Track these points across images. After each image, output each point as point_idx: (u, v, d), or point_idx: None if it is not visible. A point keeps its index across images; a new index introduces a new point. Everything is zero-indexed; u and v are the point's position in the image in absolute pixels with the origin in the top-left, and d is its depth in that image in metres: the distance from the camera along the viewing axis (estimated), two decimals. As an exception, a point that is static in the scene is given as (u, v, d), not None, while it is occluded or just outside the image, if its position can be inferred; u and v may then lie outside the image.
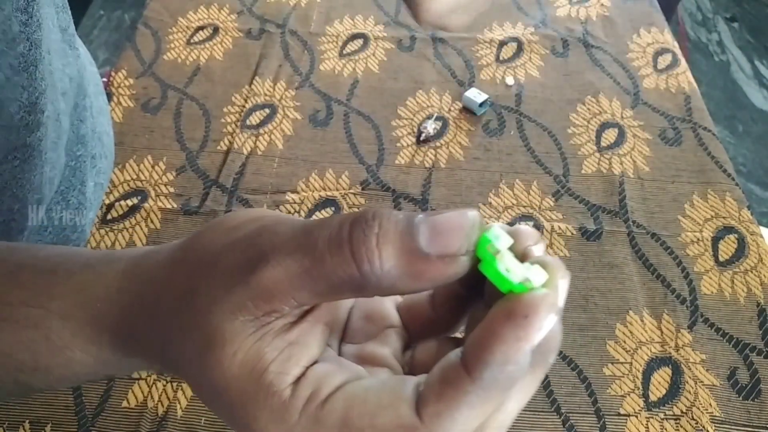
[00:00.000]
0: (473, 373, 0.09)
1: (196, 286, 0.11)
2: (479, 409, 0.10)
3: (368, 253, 0.10)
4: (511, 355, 0.09)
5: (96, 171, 0.30)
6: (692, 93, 0.40)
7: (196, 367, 0.11)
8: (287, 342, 0.11)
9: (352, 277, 0.10)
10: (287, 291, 0.10)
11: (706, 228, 0.33)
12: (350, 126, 0.38)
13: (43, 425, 0.25)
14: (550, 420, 0.26)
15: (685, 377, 0.28)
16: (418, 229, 0.10)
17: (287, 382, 0.10)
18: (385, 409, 0.10)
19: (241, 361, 0.10)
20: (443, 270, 0.10)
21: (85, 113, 0.27)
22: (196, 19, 0.44)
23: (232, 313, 0.10)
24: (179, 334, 0.11)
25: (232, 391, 0.10)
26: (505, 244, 0.10)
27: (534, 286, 0.10)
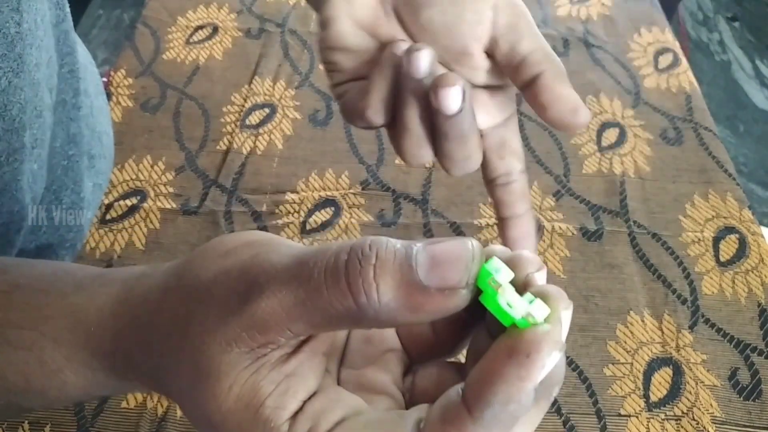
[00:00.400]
0: (474, 413, 0.09)
1: (190, 315, 0.11)
2: None
3: (365, 286, 0.10)
4: (513, 394, 0.09)
5: (94, 171, 0.30)
6: (693, 92, 0.40)
7: (190, 399, 0.11)
8: (284, 374, 0.10)
9: (349, 310, 0.10)
10: (283, 322, 0.10)
11: (707, 228, 0.33)
12: (350, 126, 0.38)
13: (42, 426, 0.25)
14: (551, 421, 0.26)
15: (685, 378, 0.27)
16: (416, 261, 0.10)
17: (284, 417, 0.10)
18: None
19: (237, 395, 0.10)
20: (443, 303, 0.10)
21: (77, 112, 0.27)
22: (195, 19, 0.44)
23: (227, 344, 0.10)
24: (173, 363, 0.11)
25: (228, 426, 0.10)
26: (506, 278, 0.10)
27: (536, 321, 0.10)
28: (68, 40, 0.25)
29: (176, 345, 0.11)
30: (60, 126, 0.26)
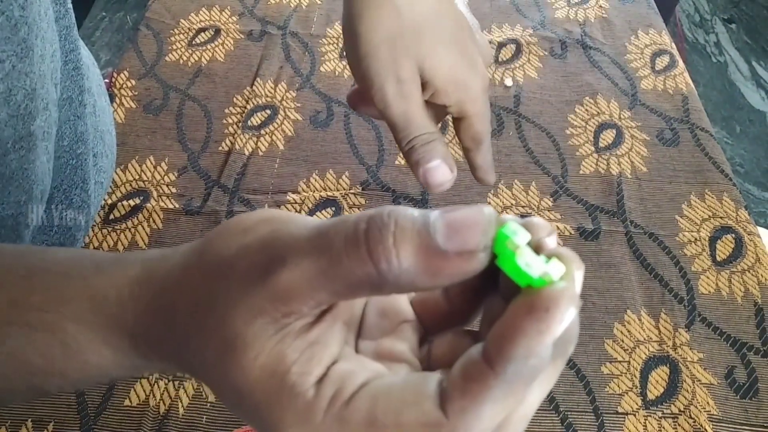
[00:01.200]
0: (497, 368, 0.10)
1: (213, 291, 0.11)
2: (503, 403, 0.10)
3: (385, 252, 0.10)
4: (534, 348, 0.09)
5: (97, 170, 0.30)
6: (690, 94, 0.40)
7: (217, 373, 0.11)
8: (308, 342, 0.11)
9: (370, 276, 0.10)
10: (305, 292, 0.10)
11: (703, 228, 0.33)
12: (350, 127, 0.38)
13: (45, 424, 0.25)
14: (549, 418, 0.26)
15: (682, 376, 0.28)
16: (434, 227, 0.10)
17: (310, 383, 0.10)
18: (410, 407, 0.10)
19: (263, 364, 0.10)
20: (462, 267, 0.10)
21: (83, 110, 0.27)
22: (197, 21, 0.44)
23: (251, 316, 0.10)
24: (198, 339, 0.11)
25: (256, 395, 0.10)
26: (524, 239, 0.10)
27: (553, 279, 0.10)
28: (71, 36, 0.25)
29: (200, 322, 0.11)
30: (67, 124, 0.26)
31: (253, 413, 0.11)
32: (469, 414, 0.10)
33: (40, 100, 0.20)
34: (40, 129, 0.21)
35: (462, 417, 0.10)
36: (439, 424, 0.10)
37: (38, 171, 0.22)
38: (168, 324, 0.12)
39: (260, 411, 0.10)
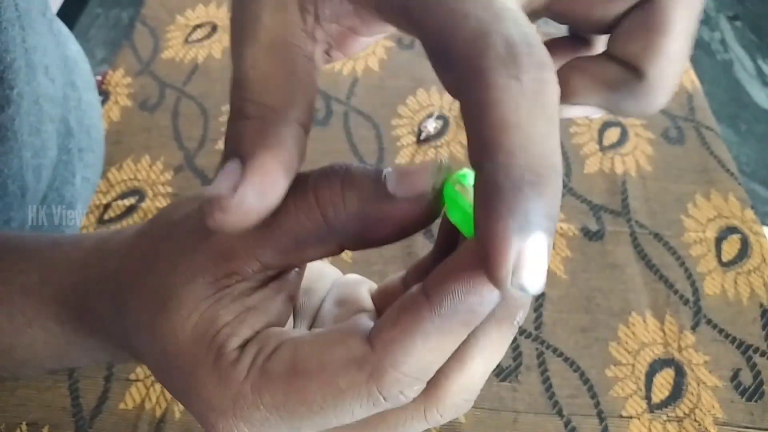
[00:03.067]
0: (432, 298, 0.09)
1: (158, 252, 0.11)
2: (435, 341, 0.09)
3: (332, 196, 0.10)
4: (476, 285, 0.09)
5: (83, 165, 0.30)
6: (695, 92, 0.40)
7: (148, 334, 0.10)
8: (245, 306, 0.10)
9: (317, 224, 0.10)
10: (250, 249, 0.10)
11: (709, 228, 0.33)
12: (350, 125, 0.38)
13: (40, 427, 0.25)
14: (552, 422, 0.26)
15: (687, 379, 0.27)
16: (384, 175, 0.10)
17: (235, 344, 0.10)
18: (334, 345, 0.09)
19: (195, 324, 0.10)
20: (408, 210, 0.10)
21: (69, 102, 0.26)
22: (194, 18, 0.44)
23: (191, 274, 0.10)
24: (135, 301, 0.11)
25: (183, 356, 0.10)
26: (472, 181, 0.09)
27: None
28: (53, 30, 0.25)
29: (141, 283, 0.11)
30: (61, 120, 0.26)
31: (179, 379, 0.10)
32: (396, 345, 0.09)
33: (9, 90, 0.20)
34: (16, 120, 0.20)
35: (389, 348, 0.09)
36: (363, 358, 0.09)
37: (13, 165, 0.21)
38: (112, 292, 0.11)
39: (186, 375, 0.10)
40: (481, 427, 0.26)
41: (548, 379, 0.27)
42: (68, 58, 0.27)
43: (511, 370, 0.27)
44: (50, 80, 0.23)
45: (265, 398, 0.09)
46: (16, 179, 0.22)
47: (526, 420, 0.26)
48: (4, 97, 0.19)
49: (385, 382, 0.09)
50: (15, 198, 0.22)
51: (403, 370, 0.09)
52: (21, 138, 0.21)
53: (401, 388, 0.09)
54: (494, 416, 0.26)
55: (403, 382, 0.09)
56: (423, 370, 0.09)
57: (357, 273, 0.14)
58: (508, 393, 0.27)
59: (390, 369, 0.09)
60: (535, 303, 0.30)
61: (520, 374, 0.27)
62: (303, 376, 0.09)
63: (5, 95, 0.19)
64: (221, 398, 0.09)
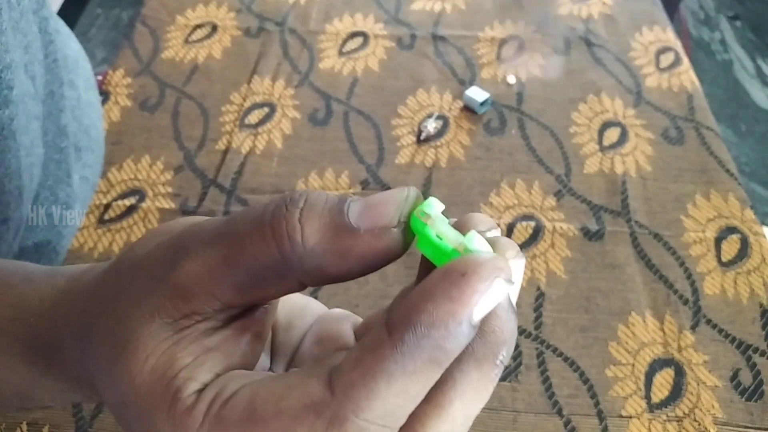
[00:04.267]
0: (394, 334, 0.08)
1: (120, 290, 0.10)
2: (400, 382, 0.08)
3: (289, 229, 0.09)
4: (440, 318, 0.08)
5: (81, 164, 0.30)
6: (695, 92, 0.40)
7: (108, 377, 0.10)
8: (205, 348, 0.10)
9: (273, 259, 0.09)
10: (207, 286, 0.09)
11: (708, 228, 0.33)
12: (350, 125, 0.38)
13: (40, 427, 0.25)
14: (552, 422, 0.26)
15: (687, 379, 0.27)
16: (348, 205, 0.09)
17: (193, 389, 0.09)
18: (293, 390, 0.09)
19: (153, 366, 0.09)
20: (372, 244, 0.09)
21: (64, 103, 0.26)
22: (194, 18, 0.44)
23: (149, 315, 0.10)
24: (97, 343, 0.10)
25: (139, 401, 0.09)
26: (437, 209, 0.09)
27: (471, 249, 0.08)
28: (48, 28, 0.24)
29: (102, 325, 0.10)
30: (50, 119, 0.25)
31: (137, 424, 0.09)
32: (358, 389, 0.08)
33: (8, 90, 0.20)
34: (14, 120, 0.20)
35: (350, 392, 0.08)
36: (323, 404, 0.08)
37: (12, 165, 0.21)
38: (79, 332, 0.11)
39: (142, 421, 0.09)
40: (481, 427, 0.26)
41: (548, 378, 0.27)
42: (67, 58, 0.27)
43: (511, 369, 0.27)
44: (30, 78, 0.22)
45: None
46: (13, 179, 0.22)
47: (525, 420, 0.26)
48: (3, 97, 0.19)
49: (346, 429, 0.08)
50: (12, 197, 0.22)
51: (367, 417, 0.08)
52: (18, 138, 0.21)
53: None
54: (494, 416, 0.26)
55: (369, 431, 0.08)
56: (390, 415, 0.08)
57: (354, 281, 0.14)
58: (507, 393, 0.27)
59: (351, 416, 0.08)
60: (534, 303, 0.30)
61: (519, 374, 0.27)
62: (258, 423, 0.08)
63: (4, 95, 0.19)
64: None
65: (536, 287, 0.30)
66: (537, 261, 0.31)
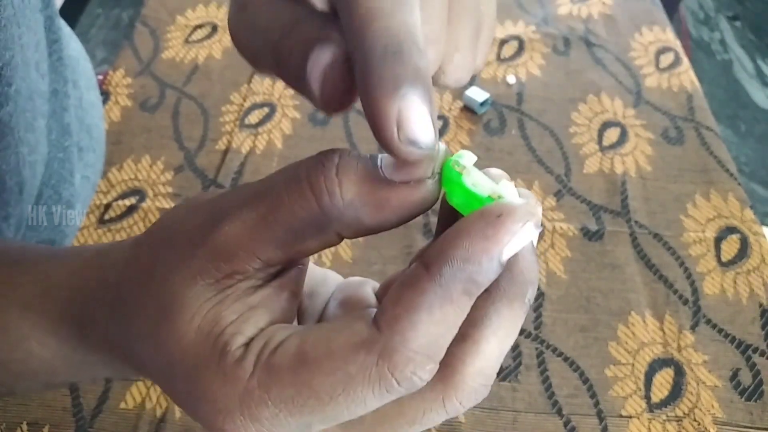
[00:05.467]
0: (432, 268, 0.09)
1: (156, 258, 0.10)
2: (439, 312, 0.09)
3: (328, 183, 0.09)
4: (475, 253, 0.08)
5: (83, 164, 0.30)
6: (694, 92, 0.40)
7: (152, 342, 0.10)
8: (248, 306, 0.10)
9: (312, 213, 0.09)
10: (248, 246, 0.10)
11: (708, 228, 0.33)
12: (350, 125, 0.38)
13: (41, 426, 0.25)
14: (552, 422, 0.26)
15: (687, 378, 0.27)
16: (381, 159, 0.09)
17: (240, 342, 0.09)
18: (340, 332, 0.09)
19: (199, 326, 0.10)
20: (409, 196, 0.09)
21: (67, 101, 0.26)
22: (194, 18, 0.44)
23: (191, 278, 0.10)
24: (137, 311, 0.10)
25: (187, 360, 0.09)
26: (470, 161, 0.10)
27: (505, 197, 0.09)
28: (54, 26, 0.25)
29: (142, 291, 0.10)
30: (54, 117, 0.25)
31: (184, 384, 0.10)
32: (402, 322, 0.09)
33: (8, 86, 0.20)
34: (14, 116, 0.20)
35: (395, 327, 0.09)
36: (371, 341, 0.09)
37: (11, 161, 0.21)
38: (113, 304, 0.11)
39: (190, 380, 0.09)
40: (480, 427, 0.26)
41: (548, 378, 0.27)
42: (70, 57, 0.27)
43: (511, 369, 0.27)
44: (41, 76, 0.22)
45: (273, 393, 0.09)
46: (13, 175, 0.22)
47: (525, 419, 0.26)
48: (3, 94, 0.19)
49: (395, 361, 0.09)
50: (12, 194, 0.22)
51: (413, 347, 0.09)
52: (18, 134, 0.21)
53: (413, 369, 0.09)
54: (494, 416, 0.26)
55: (415, 361, 0.09)
56: (432, 345, 0.09)
57: (357, 273, 0.14)
58: (507, 392, 0.27)
59: (399, 347, 0.09)
60: (534, 303, 0.30)
61: (519, 374, 0.27)
62: (310, 366, 0.09)
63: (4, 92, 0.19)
64: (228, 398, 0.09)
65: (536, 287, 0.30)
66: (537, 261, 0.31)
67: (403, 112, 0.08)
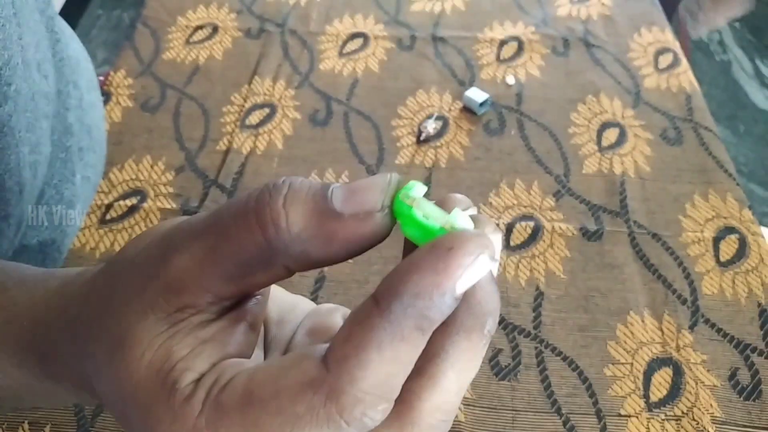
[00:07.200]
0: (381, 304, 0.08)
1: (113, 290, 0.10)
2: (389, 350, 0.08)
3: (273, 215, 0.09)
4: (425, 288, 0.08)
5: (83, 164, 0.30)
6: (693, 93, 0.40)
7: (106, 376, 0.10)
8: (200, 340, 0.10)
9: (258, 246, 0.09)
10: (197, 280, 0.09)
11: (707, 228, 0.33)
12: (350, 126, 0.38)
13: (42, 426, 0.25)
14: (551, 421, 0.26)
15: (685, 378, 0.27)
16: (331, 191, 0.09)
17: (190, 379, 0.09)
18: (288, 370, 0.09)
19: (149, 361, 0.09)
20: (357, 229, 0.09)
21: (69, 101, 0.26)
22: (195, 19, 0.44)
23: (143, 312, 0.10)
24: (93, 343, 0.10)
25: (138, 396, 0.09)
26: (420, 191, 0.10)
27: (458, 227, 0.09)
28: (54, 27, 0.25)
29: (97, 325, 0.10)
30: (57, 118, 0.25)
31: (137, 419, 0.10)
32: (351, 361, 0.08)
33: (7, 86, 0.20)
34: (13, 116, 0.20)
35: (344, 366, 0.08)
36: (319, 380, 0.08)
37: (11, 161, 0.21)
38: (73, 335, 0.11)
39: (142, 415, 0.09)
40: (479, 426, 0.26)
41: (547, 378, 0.27)
42: (71, 58, 0.27)
43: (510, 368, 0.28)
44: (43, 76, 0.22)
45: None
46: (13, 175, 0.21)
47: (524, 419, 0.26)
48: (2, 94, 0.19)
49: (344, 403, 0.08)
50: (13, 194, 0.22)
51: (362, 387, 0.08)
52: (18, 134, 0.21)
53: (363, 409, 0.08)
54: (493, 415, 0.26)
55: (365, 402, 0.08)
56: (384, 384, 0.09)
57: (357, 273, 0.14)
58: (506, 392, 0.27)
59: (347, 387, 0.08)
60: (534, 303, 0.30)
61: (518, 373, 0.27)
62: (257, 405, 0.09)
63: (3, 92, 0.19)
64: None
65: (535, 287, 0.30)
66: (536, 261, 0.31)
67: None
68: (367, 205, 0.09)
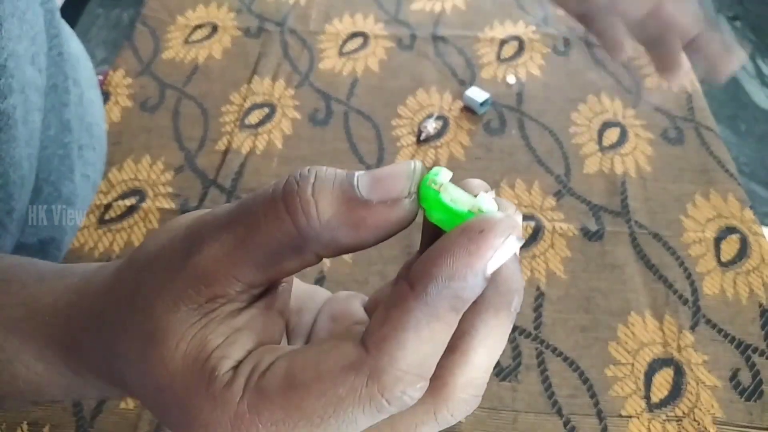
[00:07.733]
0: (417, 287, 0.09)
1: (138, 285, 0.10)
2: (427, 330, 0.09)
3: (303, 204, 0.09)
4: (459, 270, 0.09)
5: (83, 162, 0.30)
6: (694, 92, 0.40)
7: (139, 370, 0.10)
8: (233, 328, 0.10)
9: (289, 234, 0.09)
10: (227, 270, 0.10)
11: (708, 228, 0.33)
12: (350, 125, 0.38)
13: (41, 426, 0.25)
14: (552, 422, 0.26)
15: (687, 378, 0.27)
16: (357, 179, 0.10)
17: (228, 366, 0.09)
18: (329, 354, 0.09)
19: (185, 352, 0.10)
20: (386, 215, 0.09)
21: (67, 97, 0.26)
22: (194, 18, 0.44)
23: (173, 304, 0.10)
24: (123, 338, 0.10)
25: (176, 386, 0.09)
26: (446, 177, 0.10)
27: (485, 211, 0.09)
28: (54, 21, 0.25)
29: (125, 319, 0.10)
30: (53, 113, 0.25)
31: (175, 411, 0.10)
32: (390, 342, 0.09)
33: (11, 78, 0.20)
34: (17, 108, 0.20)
35: (383, 347, 0.09)
36: (359, 362, 0.09)
37: (15, 155, 0.21)
38: (98, 329, 0.11)
39: (181, 406, 0.09)
40: (480, 427, 0.26)
41: (548, 378, 0.27)
42: (70, 54, 0.27)
43: (511, 369, 0.27)
44: (37, 70, 0.22)
45: (264, 416, 0.09)
46: (17, 168, 0.21)
47: (525, 419, 0.26)
48: (7, 86, 0.19)
49: (385, 382, 0.09)
50: (16, 188, 0.22)
51: (402, 367, 0.09)
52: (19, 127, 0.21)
53: (403, 388, 0.09)
54: (494, 416, 0.26)
55: (404, 380, 0.09)
56: (421, 364, 0.09)
57: (357, 273, 0.14)
58: (507, 392, 0.27)
59: (388, 367, 0.09)
60: (534, 303, 0.30)
61: (519, 374, 0.27)
62: (299, 389, 0.09)
63: (8, 84, 0.19)
64: (219, 423, 0.09)
65: (536, 287, 0.30)
66: (537, 261, 0.31)
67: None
68: (394, 191, 0.09)
